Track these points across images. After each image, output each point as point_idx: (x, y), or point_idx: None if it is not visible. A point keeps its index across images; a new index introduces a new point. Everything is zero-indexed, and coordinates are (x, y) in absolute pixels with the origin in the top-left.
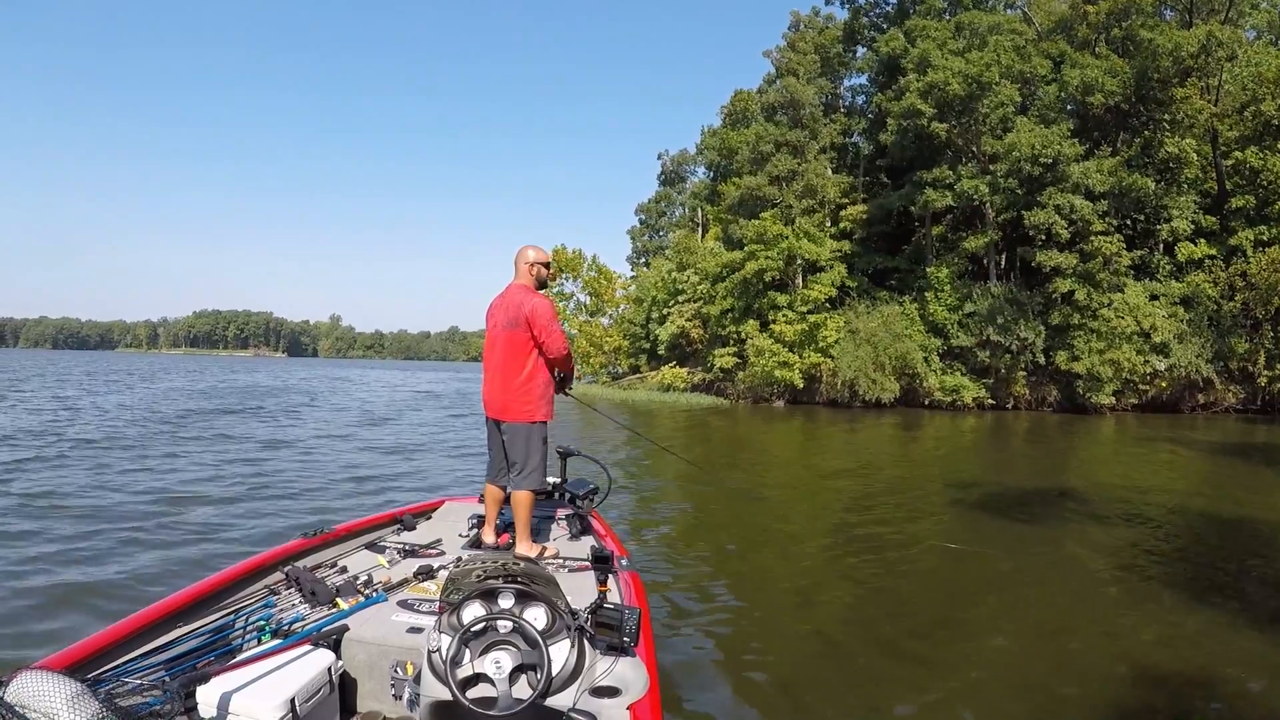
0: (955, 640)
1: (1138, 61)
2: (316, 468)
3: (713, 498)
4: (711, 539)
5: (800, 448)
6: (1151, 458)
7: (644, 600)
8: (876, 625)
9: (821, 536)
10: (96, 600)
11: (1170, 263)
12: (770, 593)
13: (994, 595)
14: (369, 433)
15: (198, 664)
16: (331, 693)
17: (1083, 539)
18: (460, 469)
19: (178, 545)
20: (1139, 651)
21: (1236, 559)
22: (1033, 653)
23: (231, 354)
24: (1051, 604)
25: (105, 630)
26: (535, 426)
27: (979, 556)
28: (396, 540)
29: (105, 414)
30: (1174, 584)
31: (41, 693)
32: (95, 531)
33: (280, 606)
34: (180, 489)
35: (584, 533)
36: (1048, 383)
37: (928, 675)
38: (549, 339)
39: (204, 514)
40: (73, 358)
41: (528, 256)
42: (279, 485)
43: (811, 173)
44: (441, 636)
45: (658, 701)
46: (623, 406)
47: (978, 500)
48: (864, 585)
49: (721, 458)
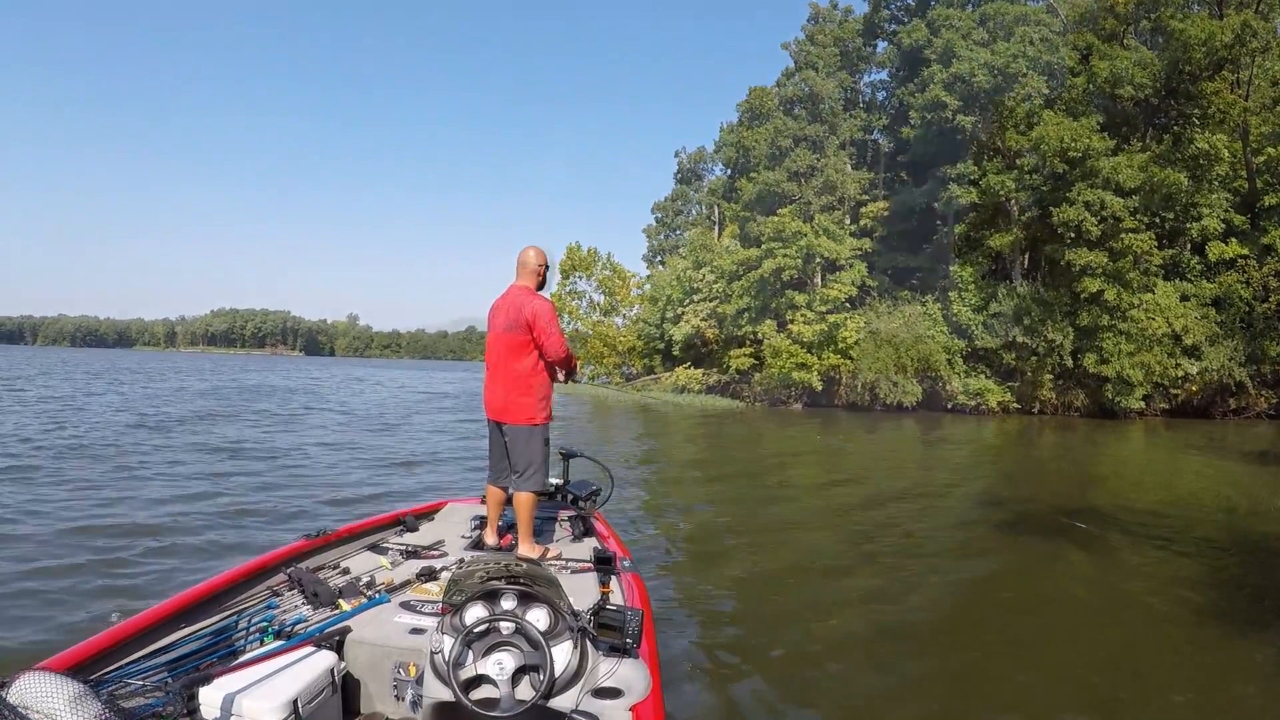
0: (969, 649)
1: (1168, 53)
2: (300, 481)
3: (718, 499)
4: (716, 541)
5: (817, 451)
6: (1188, 465)
7: (646, 602)
8: (886, 632)
9: (832, 541)
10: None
11: (1201, 262)
12: (775, 596)
13: (1028, 617)
14: (373, 439)
15: (200, 665)
16: (334, 694)
17: (1127, 559)
18: (470, 479)
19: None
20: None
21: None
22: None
23: (248, 353)
24: (1108, 633)
25: (107, 631)
26: (536, 429)
27: (1011, 573)
28: (399, 542)
29: (87, 416)
30: (1234, 615)
31: (44, 693)
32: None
33: (283, 608)
34: (117, 514)
35: (586, 534)
36: (1075, 386)
37: (937, 686)
38: (549, 341)
39: (139, 542)
40: (86, 355)
41: (528, 258)
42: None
43: (831, 168)
44: (444, 638)
45: (660, 703)
46: (635, 408)
47: (1006, 510)
48: (874, 592)
49: (734, 461)
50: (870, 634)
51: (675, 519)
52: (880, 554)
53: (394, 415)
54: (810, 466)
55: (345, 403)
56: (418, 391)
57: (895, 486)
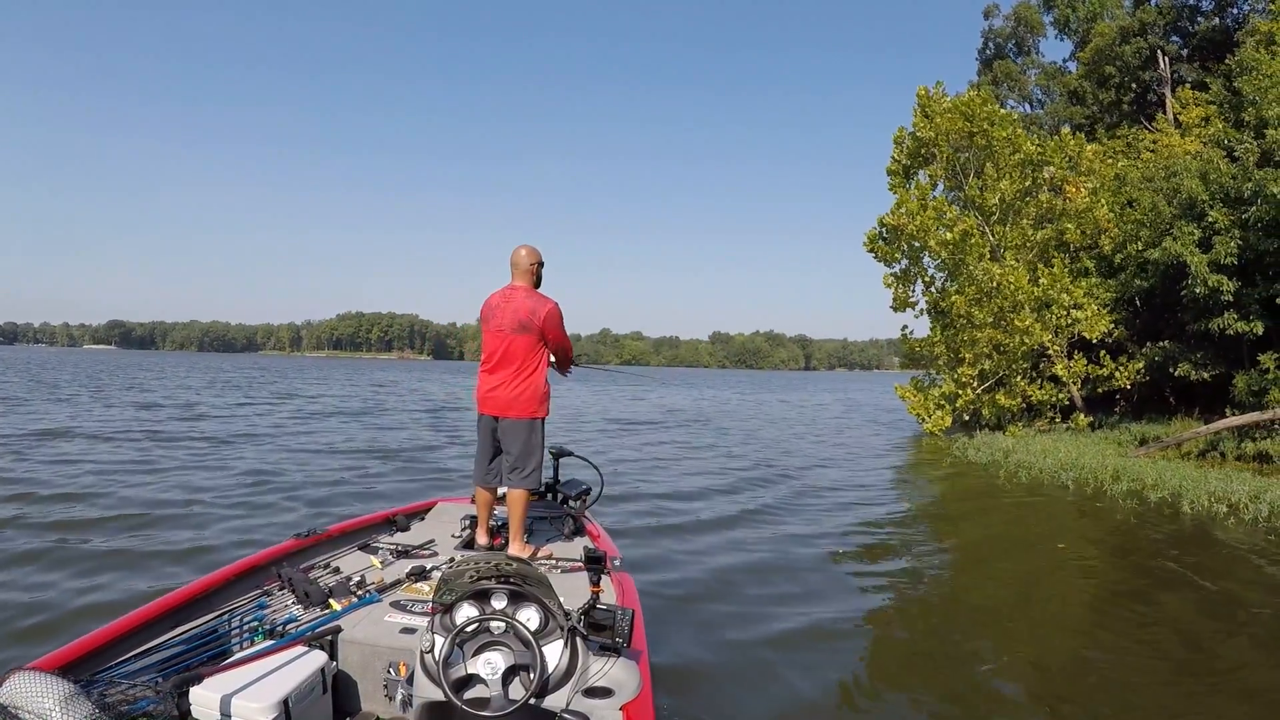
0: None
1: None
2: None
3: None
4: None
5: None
6: None
7: (637, 601)
8: (885, 629)
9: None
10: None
11: None
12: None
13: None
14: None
15: (191, 665)
16: (325, 694)
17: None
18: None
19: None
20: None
21: None
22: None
23: (374, 356)
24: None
25: (98, 631)
26: (537, 423)
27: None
28: (389, 541)
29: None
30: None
31: (34, 693)
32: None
33: (273, 607)
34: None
35: (577, 533)
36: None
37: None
38: (561, 344)
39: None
40: (207, 359)
41: (521, 257)
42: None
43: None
44: (435, 637)
45: (651, 702)
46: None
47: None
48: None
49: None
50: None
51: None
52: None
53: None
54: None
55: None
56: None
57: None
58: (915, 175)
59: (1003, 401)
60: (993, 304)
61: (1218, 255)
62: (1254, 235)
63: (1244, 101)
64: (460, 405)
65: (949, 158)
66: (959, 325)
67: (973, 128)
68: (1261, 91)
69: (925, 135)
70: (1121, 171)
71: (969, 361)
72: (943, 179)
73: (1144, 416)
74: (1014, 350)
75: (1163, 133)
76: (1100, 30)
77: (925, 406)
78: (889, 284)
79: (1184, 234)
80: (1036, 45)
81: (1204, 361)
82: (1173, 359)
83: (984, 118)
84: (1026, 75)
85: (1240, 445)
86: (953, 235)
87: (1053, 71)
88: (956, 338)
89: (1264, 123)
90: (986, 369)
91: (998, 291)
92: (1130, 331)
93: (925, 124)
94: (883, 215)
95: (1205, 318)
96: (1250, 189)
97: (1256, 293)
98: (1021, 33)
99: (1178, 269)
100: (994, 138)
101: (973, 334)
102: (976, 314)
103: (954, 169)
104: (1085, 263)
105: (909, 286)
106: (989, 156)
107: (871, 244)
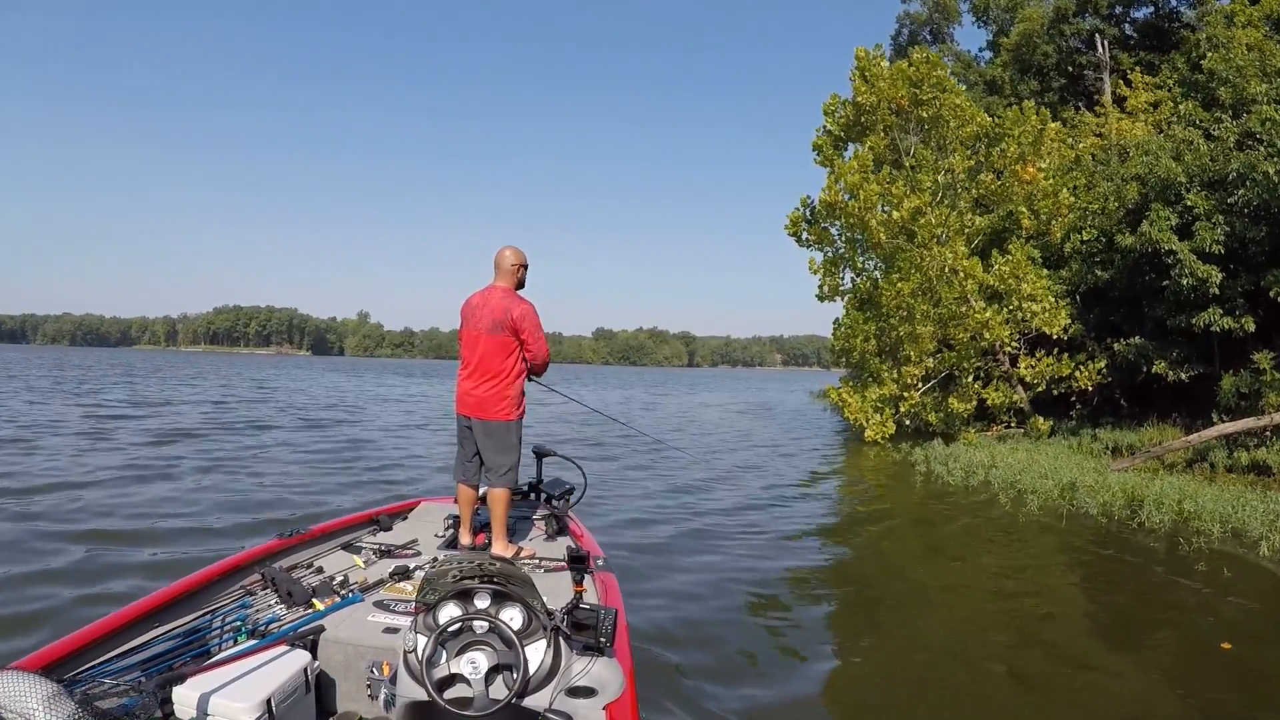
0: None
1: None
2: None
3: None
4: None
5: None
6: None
7: (620, 600)
8: (856, 636)
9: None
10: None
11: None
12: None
13: None
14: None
15: (174, 664)
16: (308, 693)
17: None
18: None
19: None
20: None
21: None
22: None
23: (252, 351)
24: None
25: (81, 630)
26: (514, 424)
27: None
28: (373, 541)
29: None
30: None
31: (17, 693)
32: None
33: (256, 607)
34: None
35: (560, 533)
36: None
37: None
38: (536, 345)
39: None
40: (74, 354)
41: (504, 258)
42: None
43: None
44: (418, 637)
45: (634, 702)
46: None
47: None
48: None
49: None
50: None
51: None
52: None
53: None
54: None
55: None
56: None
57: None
58: (845, 149)
59: (955, 405)
60: (940, 293)
61: (1201, 243)
62: (1240, 221)
63: (1216, 80)
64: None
65: (889, 126)
66: (897, 318)
67: (921, 94)
68: (1237, 70)
69: (866, 101)
70: (1082, 154)
71: (913, 360)
72: (884, 151)
73: (1100, 421)
74: (965, 347)
75: (1107, 116)
76: (1028, 15)
77: (864, 410)
78: (815, 270)
79: (1160, 219)
80: (952, 33)
81: (1181, 360)
82: (1146, 358)
83: (934, 83)
84: (944, 63)
85: (1232, 455)
86: (900, 214)
87: (968, 60)
88: (893, 332)
89: (1243, 101)
90: (931, 367)
91: (947, 280)
92: (1086, 327)
93: (866, 89)
94: (805, 195)
95: (1185, 312)
96: (1236, 170)
97: (1240, 284)
98: (938, 19)
99: (1149, 258)
100: (944, 104)
101: (913, 328)
102: (919, 305)
103: (894, 142)
104: (1030, 252)
105: (838, 274)
106: (935, 127)
107: (794, 227)
